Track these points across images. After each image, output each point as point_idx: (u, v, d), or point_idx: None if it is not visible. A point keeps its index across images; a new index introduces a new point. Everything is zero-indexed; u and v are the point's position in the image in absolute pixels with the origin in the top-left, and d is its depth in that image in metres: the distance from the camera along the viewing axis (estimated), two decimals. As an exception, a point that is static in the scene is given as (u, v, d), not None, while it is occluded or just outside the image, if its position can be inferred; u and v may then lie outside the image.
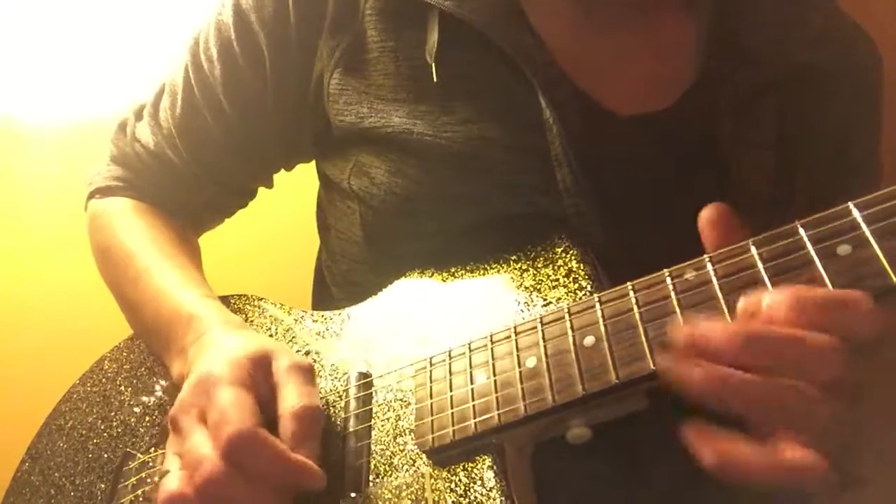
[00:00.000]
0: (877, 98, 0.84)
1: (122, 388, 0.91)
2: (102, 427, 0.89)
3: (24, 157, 1.46)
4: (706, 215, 0.56)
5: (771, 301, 0.51)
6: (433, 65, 0.75)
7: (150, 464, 0.80)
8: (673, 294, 0.58)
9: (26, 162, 1.46)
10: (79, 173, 1.01)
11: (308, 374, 0.68)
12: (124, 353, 0.95)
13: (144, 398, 0.88)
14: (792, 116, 0.77)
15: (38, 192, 1.45)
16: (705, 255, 0.58)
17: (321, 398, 0.74)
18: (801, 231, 0.55)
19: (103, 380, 0.94)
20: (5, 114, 1.46)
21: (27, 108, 1.46)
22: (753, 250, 0.56)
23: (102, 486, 0.84)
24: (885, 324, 0.50)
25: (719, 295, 0.56)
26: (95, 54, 1.44)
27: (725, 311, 0.55)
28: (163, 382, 0.88)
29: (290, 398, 0.65)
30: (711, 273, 0.57)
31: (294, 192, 1.03)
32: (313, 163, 0.93)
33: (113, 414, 0.90)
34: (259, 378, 0.67)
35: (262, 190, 0.99)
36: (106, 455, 0.86)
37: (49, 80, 1.45)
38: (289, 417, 0.64)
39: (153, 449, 0.82)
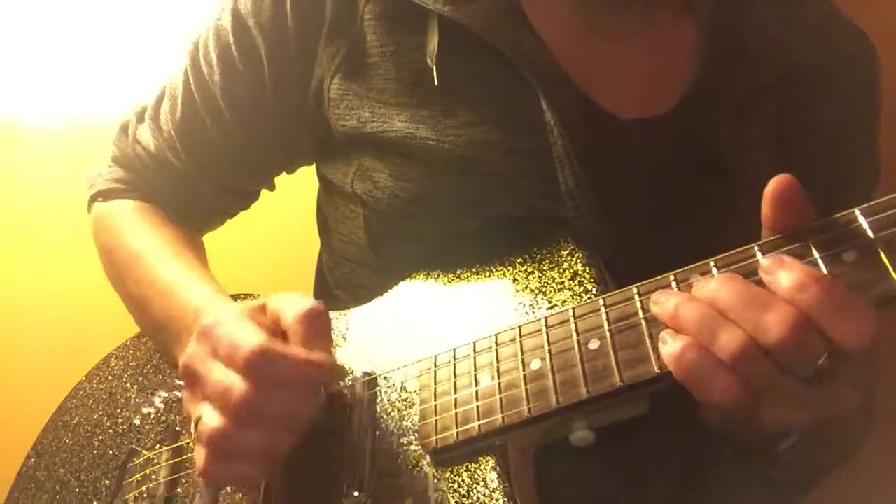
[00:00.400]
0: (874, 98, 0.84)
1: (129, 385, 0.92)
2: (108, 424, 0.90)
3: (24, 157, 1.46)
4: (770, 190, 0.56)
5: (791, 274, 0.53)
6: (434, 69, 0.75)
7: (155, 460, 0.81)
8: (678, 298, 0.58)
9: (26, 162, 1.46)
10: (79, 174, 1.01)
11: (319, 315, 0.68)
12: (131, 351, 0.95)
13: (150, 396, 0.88)
14: (791, 117, 0.77)
15: (38, 192, 1.45)
16: (710, 259, 0.59)
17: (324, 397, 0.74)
18: (807, 237, 0.55)
19: (109, 377, 0.94)
20: (5, 114, 1.46)
21: (27, 108, 1.46)
22: (759, 255, 0.57)
23: (107, 482, 0.84)
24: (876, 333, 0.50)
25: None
26: (96, 54, 1.44)
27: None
28: (169, 380, 0.88)
29: (293, 308, 0.66)
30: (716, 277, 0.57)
31: (295, 192, 1.03)
32: (314, 164, 0.94)
33: (119, 411, 0.90)
34: (261, 318, 0.68)
35: (263, 191, 1.00)
36: (111, 451, 0.87)
37: (49, 80, 1.45)
38: (296, 323, 0.65)
39: (158, 446, 0.82)
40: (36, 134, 1.45)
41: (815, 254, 0.55)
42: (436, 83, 0.75)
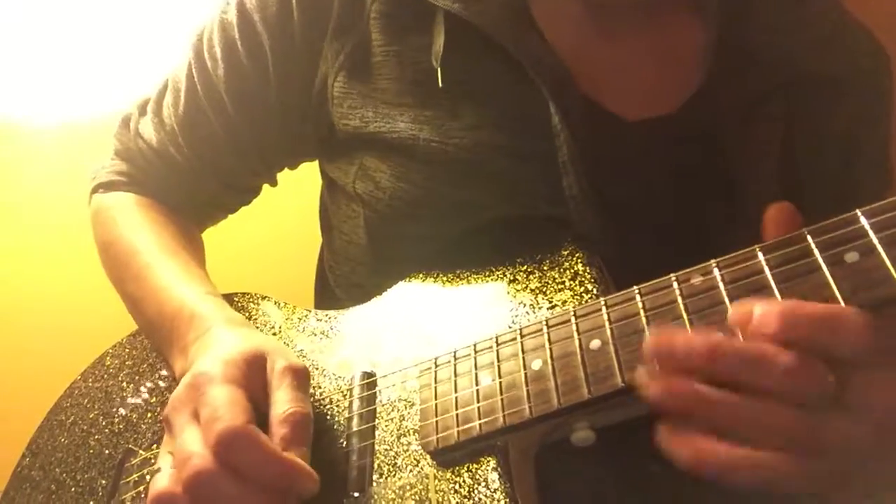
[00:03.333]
0: (886, 101, 0.84)
1: (125, 384, 0.91)
2: (104, 423, 0.89)
3: (24, 157, 1.46)
4: (770, 215, 0.56)
5: (762, 312, 0.51)
6: (439, 69, 0.75)
7: (152, 460, 0.80)
8: (679, 299, 0.58)
9: (26, 162, 1.46)
10: (79, 173, 1.01)
11: (301, 377, 0.68)
12: (126, 350, 0.95)
13: (146, 395, 0.88)
14: (799, 121, 0.77)
15: (38, 192, 1.44)
16: (712, 261, 0.59)
17: (324, 397, 0.74)
18: (809, 238, 0.55)
19: (105, 376, 0.94)
20: (5, 114, 1.46)
21: (27, 108, 1.46)
22: (760, 256, 0.57)
23: (104, 482, 0.84)
24: (878, 338, 0.49)
25: (726, 300, 0.56)
26: (95, 54, 1.44)
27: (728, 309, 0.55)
28: (165, 379, 0.88)
29: (281, 403, 0.65)
30: (718, 278, 0.57)
31: (297, 190, 1.03)
32: (317, 161, 0.93)
33: (114, 410, 0.90)
34: (253, 377, 0.67)
35: (264, 187, 0.99)
36: (107, 451, 0.86)
37: (49, 80, 1.45)
38: (279, 422, 0.64)
39: (155, 446, 0.82)
40: (36, 134, 1.44)
41: (817, 254, 0.55)
42: (440, 84, 0.75)
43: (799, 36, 0.77)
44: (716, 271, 0.58)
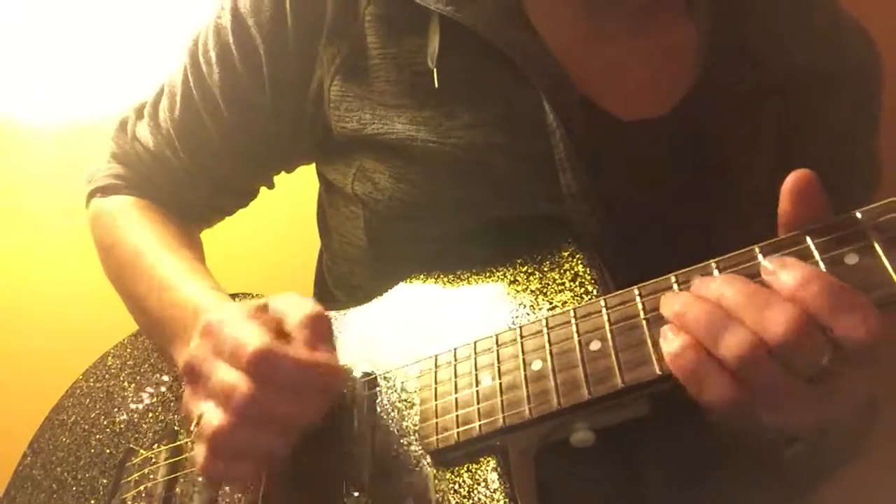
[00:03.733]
0: (876, 98, 0.84)
1: (126, 384, 0.91)
2: (105, 423, 0.89)
3: (24, 157, 1.46)
4: (790, 184, 0.56)
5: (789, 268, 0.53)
6: (435, 71, 0.75)
7: (153, 460, 0.81)
8: (680, 299, 0.58)
9: (26, 162, 1.46)
10: (79, 173, 1.01)
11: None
12: (128, 350, 0.95)
13: (148, 395, 0.88)
14: (793, 119, 0.77)
15: (38, 192, 1.45)
16: (711, 261, 0.59)
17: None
18: (808, 239, 0.55)
19: (107, 375, 0.94)
20: (5, 114, 1.46)
21: (27, 108, 1.46)
22: (760, 257, 0.57)
23: (105, 481, 0.84)
24: (884, 332, 0.50)
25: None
26: (95, 54, 1.44)
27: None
28: (166, 379, 0.88)
29: (296, 312, 0.66)
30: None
31: (295, 192, 1.03)
32: (313, 164, 0.94)
33: (116, 410, 0.90)
34: (265, 317, 0.67)
35: (262, 189, 0.99)
36: (108, 451, 0.86)
37: (49, 80, 1.45)
38: (299, 327, 0.65)
39: (156, 445, 0.82)
40: (36, 134, 1.44)
41: (817, 256, 0.55)
42: (436, 85, 0.75)
43: (793, 34, 0.78)
44: (715, 272, 0.58)
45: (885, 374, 0.54)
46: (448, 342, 0.70)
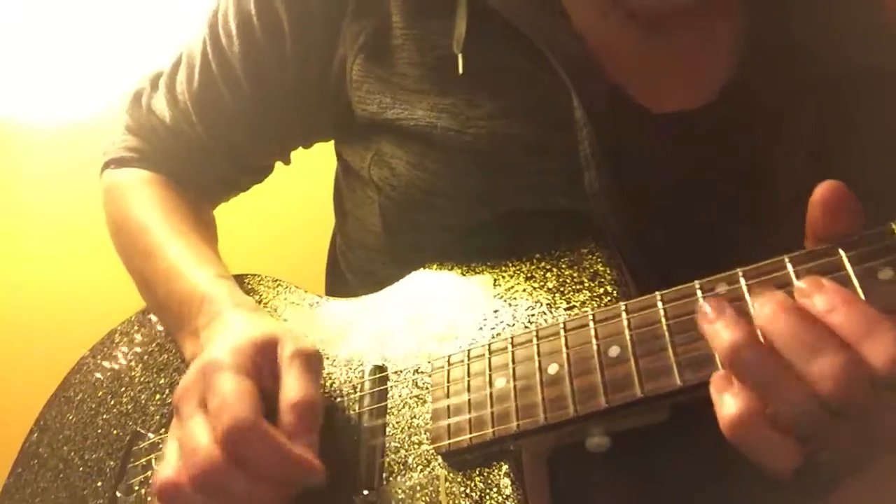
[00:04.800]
0: None
1: (133, 363, 0.90)
2: (112, 402, 0.89)
3: (24, 157, 1.45)
4: (820, 194, 0.52)
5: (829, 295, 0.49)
6: (460, 56, 0.72)
7: (161, 445, 0.80)
8: (704, 308, 0.56)
9: (26, 162, 1.45)
10: (79, 173, 1.00)
11: (312, 361, 0.67)
12: (135, 327, 0.94)
13: (155, 376, 0.87)
14: (836, 120, 0.73)
15: (38, 192, 1.44)
16: (738, 269, 0.57)
17: (335, 389, 0.73)
18: (841, 251, 0.53)
19: (113, 353, 0.93)
20: (5, 114, 1.45)
21: (27, 108, 1.45)
22: (789, 267, 0.55)
23: (112, 463, 0.83)
24: None
25: (751, 312, 0.54)
26: (95, 54, 1.43)
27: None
28: (174, 361, 0.87)
29: (290, 389, 0.64)
30: (744, 288, 0.55)
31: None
32: (331, 142, 0.91)
33: (123, 390, 0.89)
34: (262, 364, 0.66)
35: (277, 168, 0.97)
36: (115, 432, 0.86)
37: (49, 80, 1.44)
38: (287, 409, 0.63)
39: (163, 430, 0.81)
40: (35, 133, 1.43)
41: (849, 268, 0.53)
42: (461, 71, 0.73)
43: (840, 33, 0.73)
44: (742, 281, 0.56)
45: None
46: (462, 338, 0.68)
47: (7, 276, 1.48)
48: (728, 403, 0.50)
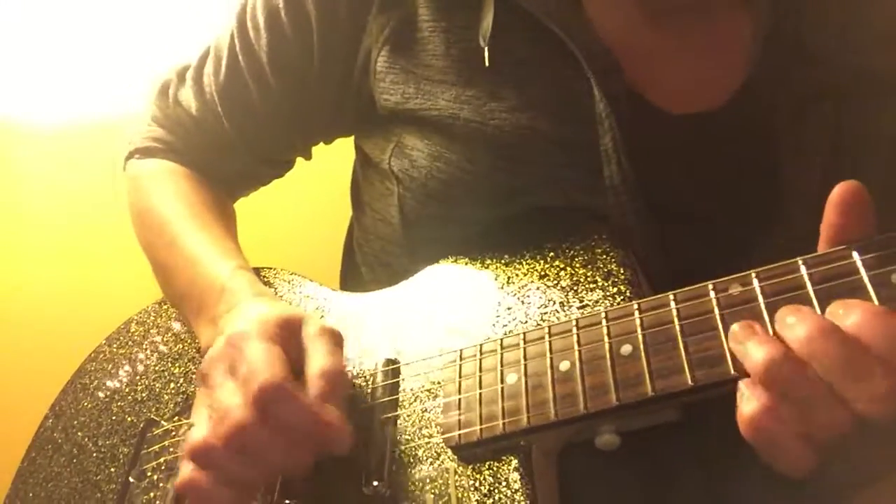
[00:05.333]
0: None
1: (148, 352, 0.91)
2: (127, 390, 0.90)
3: (24, 157, 1.46)
4: (837, 195, 0.52)
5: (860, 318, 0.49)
6: (486, 49, 0.73)
7: (174, 433, 0.81)
8: (716, 309, 0.56)
9: (26, 162, 1.46)
10: (79, 173, 1.01)
11: (336, 338, 0.68)
12: (152, 317, 0.95)
13: (170, 365, 0.88)
14: (851, 122, 0.73)
15: (38, 192, 1.45)
16: (752, 271, 0.57)
17: (347, 381, 0.73)
18: (855, 254, 0.53)
19: (129, 342, 0.94)
20: (5, 114, 1.46)
21: (27, 108, 1.46)
22: (804, 270, 0.55)
23: (125, 450, 0.84)
24: None
25: (764, 314, 0.54)
26: (95, 54, 1.43)
27: (770, 329, 0.54)
28: (190, 351, 0.88)
29: (318, 359, 0.65)
30: (758, 290, 0.56)
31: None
32: (349, 138, 0.92)
33: (138, 378, 0.90)
34: (288, 339, 0.67)
35: (297, 165, 0.98)
36: (129, 419, 0.86)
37: (49, 80, 1.45)
38: (315, 377, 0.64)
39: (177, 417, 0.82)
40: (35, 133, 1.44)
41: (863, 273, 0.53)
42: (486, 64, 0.73)
43: (857, 31, 0.74)
44: (755, 282, 0.56)
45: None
46: (474, 333, 0.69)
47: (7, 276, 1.49)
48: (750, 402, 0.51)
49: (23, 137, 1.45)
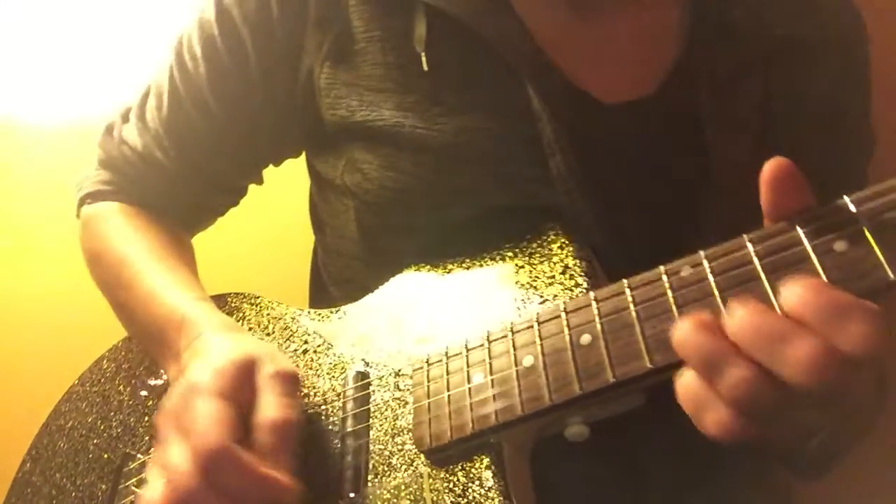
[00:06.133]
0: (864, 68, 0.83)
1: (121, 387, 0.91)
2: (102, 427, 0.89)
3: (24, 157, 1.45)
4: (767, 174, 0.53)
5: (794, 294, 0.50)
6: (423, 54, 0.74)
7: (151, 465, 0.80)
8: (669, 291, 0.57)
9: (26, 162, 1.45)
10: (79, 173, 1.00)
11: (290, 382, 0.67)
12: (123, 353, 0.95)
13: (143, 398, 0.88)
14: (777, 93, 0.76)
15: (38, 192, 1.44)
16: (700, 252, 0.58)
17: (319, 397, 0.74)
18: (797, 227, 0.55)
19: (102, 379, 0.94)
20: (5, 114, 1.45)
21: (27, 108, 1.45)
22: (749, 247, 0.56)
23: (103, 486, 0.84)
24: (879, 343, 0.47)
25: (715, 292, 0.55)
26: (95, 54, 1.43)
27: (721, 308, 0.55)
28: (161, 382, 0.88)
29: (267, 409, 0.65)
30: (707, 270, 0.57)
31: (288, 188, 1.02)
32: (303, 160, 0.93)
33: (112, 414, 0.90)
34: (242, 385, 0.67)
35: (256, 188, 0.99)
36: (106, 455, 0.86)
37: (49, 80, 1.44)
38: (262, 429, 0.64)
39: (153, 450, 0.82)
40: (35, 133, 1.44)
41: (806, 243, 0.54)
42: (425, 68, 0.74)
43: (775, 5, 0.76)
44: (705, 263, 0.57)
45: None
46: (441, 338, 0.70)
47: (6, 276, 1.48)
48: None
49: (23, 137, 1.45)
